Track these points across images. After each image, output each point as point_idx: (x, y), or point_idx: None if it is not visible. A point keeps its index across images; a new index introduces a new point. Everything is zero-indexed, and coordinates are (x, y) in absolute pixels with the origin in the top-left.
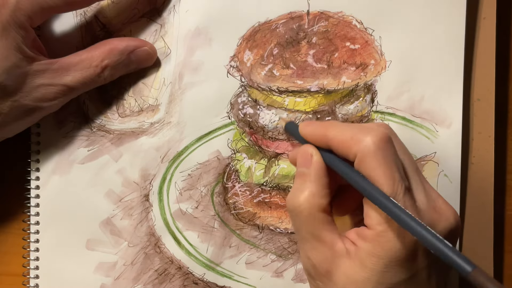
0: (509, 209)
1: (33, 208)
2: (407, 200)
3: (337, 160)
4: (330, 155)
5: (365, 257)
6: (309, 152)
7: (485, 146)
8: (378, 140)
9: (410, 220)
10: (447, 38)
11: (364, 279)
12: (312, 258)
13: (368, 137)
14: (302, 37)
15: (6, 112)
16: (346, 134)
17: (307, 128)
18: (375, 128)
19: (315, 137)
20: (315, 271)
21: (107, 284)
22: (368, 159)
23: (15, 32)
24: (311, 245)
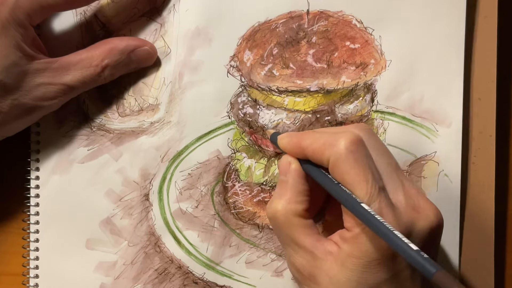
0: (510, 208)
1: (33, 208)
2: (382, 201)
3: (314, 168)
4: (308, 165)
5: (345, 258)
6: (288, 161)
7: (486, 145)
8: (348, 144)
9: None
10: (447, 37)
11: (345, 280)
12: (294, 262)
13: (339, 142)
14: (302, 37)
15: (6, 111)
16: (318, 141)
17: (283, 140)
18: (345, 132)
19: (292, 148)
20: (299, 275)
21: (107, 284)
22: (340, 163)
23: (15, 30)
24: (292, 250)
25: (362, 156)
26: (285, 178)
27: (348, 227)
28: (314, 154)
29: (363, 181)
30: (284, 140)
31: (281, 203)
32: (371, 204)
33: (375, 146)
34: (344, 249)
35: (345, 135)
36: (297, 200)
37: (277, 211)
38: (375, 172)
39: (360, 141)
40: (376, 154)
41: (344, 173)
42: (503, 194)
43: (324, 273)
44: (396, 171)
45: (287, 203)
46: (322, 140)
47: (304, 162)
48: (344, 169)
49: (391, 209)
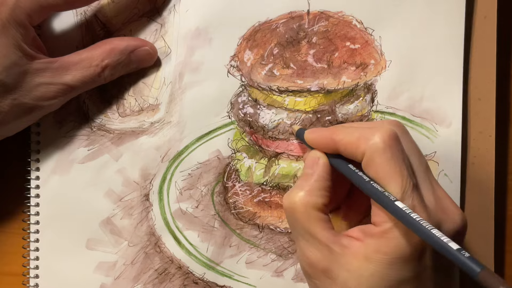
0: (510, 209)
1: (33, 208)
2: (415, 198)
3: (344, 163)
4: (338, 159)
5: (370, 253)
6: (316, 156)
7: (486, 145)
8: (385, 138)
9: (416, 222)
10: (447, 37)
11: (367, 275)
12: (309, 256)
13: (376, 136)
14: (302, 37)
15: (6, 110)
16: (353, 135)
17: (312, 134)
18: (382, 126)
19: (321, 143)
20: (312, 269)
21: (107, 284)
22: (376, 157)
23: (15, 30)
24: (308, 242)
25: (398, 151)
26: (310, 171)
27: (377, 222)
28: (347, 148)
29: (399, 176)
30: (313, 135)
31: (301, 194)
32: (405, 200)
33: (408, 144)
34: (369, 243)
35: (382, 130)
36: (319, 193)
37: (296, 201)
38: (409, 169)
39: (397, 136)
40: (410, 152)
41: (379, 167)
42: (502, 194)
43: (341, 267)
44: (426, 171)
45: (308, 195)
46: (356, 134)
47: (333, 157)
48: (380, 163)
49: (424, 207)
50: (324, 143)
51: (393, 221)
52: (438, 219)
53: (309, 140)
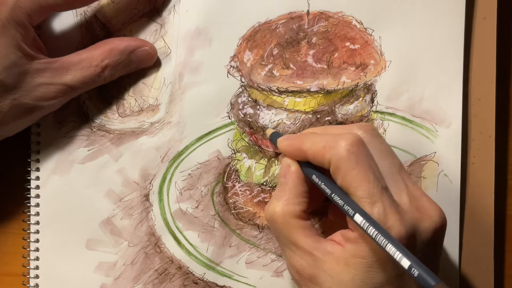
0: (509, 209)
1: (33, 208)
2: (385, 200)
3: (313, 170)
4: (307, 168)
5: (349, 258)
6: (287, 163)
7: (486, 146)
8: (349, 145)
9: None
10: (447, 38)
11: (349, 279)
12: (294, 264)
13: (339, 143)
14: (302, 37)
15: (6, 110)
16: (319, 144)
17: (282, 143)
18: (346, 133)
19: (291, 152)
20: (299, 276)
21: (107, 284)
22: (341, 165)
23: (15, 30)
24: (291, 251)
25: (363, 157)
26: (284, 180)
27: (353, 227)
28: (315, 157)
29: (365, 181)
30: (283, 143)
31: (279, 205)
32: (374, 204)
33: (377, 146)
34: (348, 248)
35: (346, 137)
36: (295, 201)
37: (275, 212)
38: (377, 172)
39: (361, 142)
40: (379, 155)
41: (345, 174)
42: (502, 194)
43: (325, 273)
44: (399, 172)
45: (285, 204)
46: (322, 143)
47: (305, 164)
48: (345, 170)
49: (395, 208)
50: (293, 152)
51: None
52: (414, 218)
53: (281, 147)
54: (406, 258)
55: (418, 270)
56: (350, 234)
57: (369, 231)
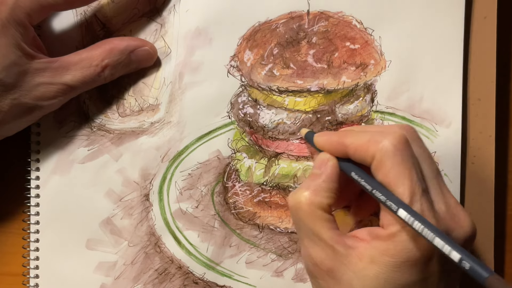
0: (509, 208)
1: (33, 208)
2: (424, 202)
3: (353, 167)
4: (347, 163)
5: (376, 255)
6: (326, 158)
7: (486, 145)
8: (396, 142)
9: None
10: (446, 38)
11: (372, 276)
12: (313, 255)
13: (386, 139)
14: (302, 37)
15: (6, 110)
16: (363, 138)
17: (321, 138)
18: (392, 131)
19: (331, 146)
20: (316, 269)
21: (107, 284)
22: (385, 160)
23: (14, 29)
24: (312, 242)
25: (408, 156)
26: (318, 171)
27: (385, 225)
28: (357, 151)
29: (408, 180)
30: (322, 138)
31: (306, 194)
32: (414, 204)
33: (419, 149)
34: (376, 246)
35: (393, 134)
36: (325, 194)
37: (301, 201)
38: (419, 173)
39: (407, 140)
40: (420, 158)
41: (388, 171)
42: (502, 194)
43: (345, 268)
44: (437, 177)
45: (313, 194)
46: (367, 137)
47: (342, 160)
48: (390, 166)
49: (433, 213)
50: (333, 146)
51: (401, 224)
52: (448, 226)
53: (319, 143)
54: (456, 251)
55: (470, 262)
56: (380, 232)
57: (414, 225)
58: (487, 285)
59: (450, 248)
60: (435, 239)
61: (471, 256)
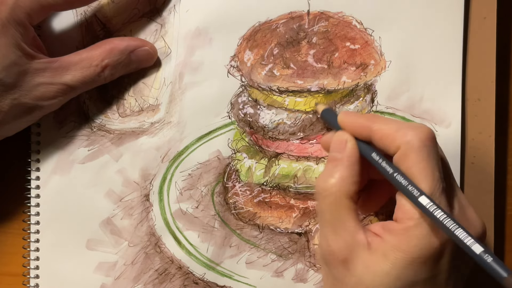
0: (509, 209)
1: (33, 208)
2: (443, 201)
3: (372, 149)
4: (367, 145)
5: (389, 250)
6: (344, 138)
7: (486, 146)
8: (424, 137)
9: (447, 219)
10: (446, 38)
11: (383, 272)
12: (331, 243)
13: (414, 132)
14: (302, 37)
15: (6, 110)
16: (391, 127)
17: (347, 117)
18: (421, 125)
19: (356, 128)
20: (332, 257)
21: (107, 284)
22: (411, 153)
23: (14, 29)
24: (333, 230)
25: (433, 153)
26: (339, 155)
27: (400, 218)
28: (383, 138)
29: (430, 177)
30: (348, 118)
31: (332, 182)
32: None
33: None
34: (389, 240)
35: (421, 128)
36: (351, 180)
37: (328, 189)
38: (441, 172)
39: (434, 138)
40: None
41: (412, 165)
42: (502, 194)
43: (360, 261)
44: (451, 179)
45: (341, 181)
46: (395, 127)
47: (361, 142)
48: (414, 161)
49: (449, 211)
50: (358, 128)
51: (416, 219)
52: None
53: (344, 123)
54: (478, 244)
55: (492, 257)
56: (394, 226)
57: (436, 214)
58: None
59: (473, 240)
60: (457, 230)
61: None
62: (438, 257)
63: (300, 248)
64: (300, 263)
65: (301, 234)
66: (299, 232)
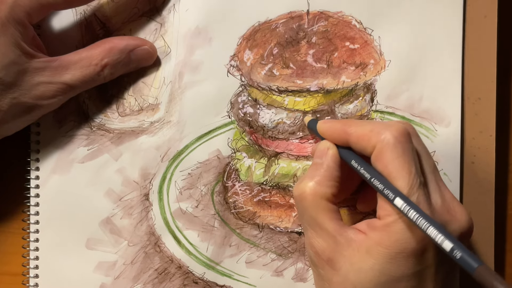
0: (510, 208)
1: (33, 208)
2: (421, 195)
3: (352, 155)
4: (347, 151)
5: (372, 246)
6: (326, 146)
7: (486, 145)
8: (397, 134)
9: (418, 214)
10: (446, 37)
11: (367, 268)
12: (315, 245)
13: (388, 131)
14: (302, 37)
15: (5, 109)
16: (365, 128)
17: (324, 125)
18: (395, 123)
19: (334, 134)
20: (317, 258)
21: (107, 284)
22: (386, 151)
23: (14, 28)
24: (314, 232)
25: (408, 149)
26: (320, 161)
27: (381, 215)
28: (359, 140)
29: (407, 173)
30: (325, 125)
31: (310, 184)
32: (411, 196)
33: (418, 145)
34: (372, 237)
35: (394, 126)
36: (328, 184)
37: (305, 191)
38: (418, 166)
39: (408, 134)
40: (419, 152)
41: (388, 162)
42: (503, 194)
43: (344, 259)
44: (434, 172)
45: (317, 184)
46: (369, 127)
47: (343, 149)
48: (390, 158)
49: (428, 205)
50: (336, 134)
51: (396, 215)
52: (444, 219)
53: (321, 130)
54: (449, 240)
55: (461, 252)
56: (377, 223)
57: (409, 214)
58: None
59: (443, 237)
60: (429, 228)
61: (464, 248)
62: (421, 252)
63: (300, 247)
64: (300, 262)
65: (300, 233)
66: (298, 231)
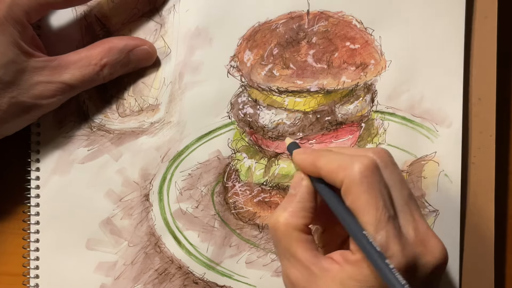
0: (510, 208)
1: (33, 208)
2: (390, 229)
3: (324, 189)
4: (320, 184)
5: (345, 279)
6: (300, 177)
7: (487, 145)
8: (363, 169)
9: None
10: (447, 37)
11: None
12: (290, 275)
13: (354, 165)
14: (302, 37)
15: (4, 108)
16: (333, 163)
17: (298, 156)
18: (362, 156)
19: (306, 167)
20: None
21: (107, 284)
22: (352, 187)
23: (12, 27)
24: (288, 262)
25: (375, 182)
26: (294, 191)
27: (353, 249)
28: (328, 174)
29: (373, 208)
30: (299, 156)
31: (283, 215)
32: (379, 232)
33: (390, 175)
34: (346, 270)
35: (361, 159)
36: (300, 214)
37: (278, 221)
38: (387, 200)
39: (376, 167)
40: (391, 184)
41: (355, 198)
42: (503, 194)
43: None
44: (408, 203)
45: (289, 215)
46: (337, 162)
47: (317, 180)
48: (356, 194)
49: (399, 239)
50: (308, 167)
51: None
52: (416, 251)
53: (295, 161)
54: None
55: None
56: (350, 256)
57: (368, 255)
58: None
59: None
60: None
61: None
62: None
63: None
64: None
65: None
66: None
